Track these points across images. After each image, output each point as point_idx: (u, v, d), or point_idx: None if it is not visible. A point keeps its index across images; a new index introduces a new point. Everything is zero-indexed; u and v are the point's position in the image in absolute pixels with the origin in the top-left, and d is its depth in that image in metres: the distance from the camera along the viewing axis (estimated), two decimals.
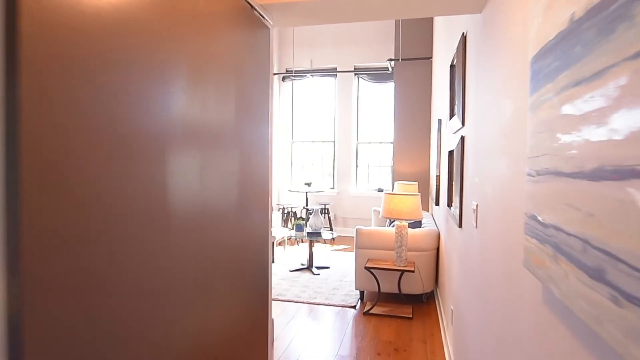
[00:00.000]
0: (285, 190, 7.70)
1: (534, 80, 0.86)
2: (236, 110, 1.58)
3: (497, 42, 1.38)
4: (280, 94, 7.72)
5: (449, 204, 2.76)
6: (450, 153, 2.75)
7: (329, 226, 7.17)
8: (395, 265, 3.58)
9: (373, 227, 3.96)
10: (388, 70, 6.84)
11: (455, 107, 2.36)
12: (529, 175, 0.87)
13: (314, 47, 7.46)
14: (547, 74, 0.77)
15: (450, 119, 2.74)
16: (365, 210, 7.33)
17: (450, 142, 2.90)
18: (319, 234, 4.96)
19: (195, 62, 1.28)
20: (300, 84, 7.79)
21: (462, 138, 2.23)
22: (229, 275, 1.57)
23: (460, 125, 2.26)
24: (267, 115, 1.96)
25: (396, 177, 6.17)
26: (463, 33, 2.25)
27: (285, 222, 6.92)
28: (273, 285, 4.45)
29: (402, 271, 3.52)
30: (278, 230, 5.68)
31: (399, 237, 3.55)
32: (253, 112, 1.75)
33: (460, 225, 2.26)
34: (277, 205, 7.37)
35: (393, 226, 4.29)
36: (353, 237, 7.22)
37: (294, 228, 5.13)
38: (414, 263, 3.67)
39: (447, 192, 2.78)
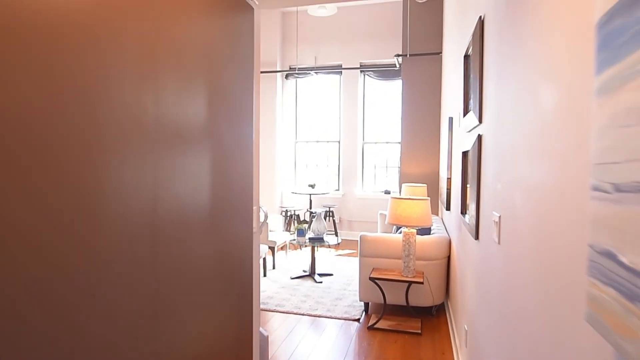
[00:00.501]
0: (289, 192, 7.43)
1: (606, 49, 0.57)
2: (208, 105, 1.32)
3: (533, 12, 1.09)
4: (284, 92, 7.46)
5: (463, 211, 2.47)
6: (465, 154, 2.46)
7: (333, 230, 6.89)
8: (402, 275, 3.30)
9: (378, 234, 3.68)
10: (395, 66, 6.54)
11: (471, 101, 2.07)
12: (599, 190, 0.59)
13: (318, 44, 7.19)
14: (636, 34, 0.49)
15: (465, 115, 2.45)
16: (371, 213, 7.04)
17: (464, 142, 2.61)
18: (321, 240, 4.68)
19: (145, 48, 1.02)
20: (304, 81, 7.52)
21: (479, 137, 1.94)
22: (197, 292, 1.31)
23: (477, 122, 1.98)
24: (250, 110, 1.69)
25: (404, 179, 5.88)
26: (480, 17, 1.97)
27: (288, 226, 6.66)
28: (272, 294, 4.19)
29: (410, 282, 3.23)
30: (279, 234, 5.42)
31: (407, 246, 3.26)
32: (232, 107, 1.49)
33: (476, 237, 1.97)
34: (280, 207, 7.11)
35: (400, 232, 4.00)
36: (358, 241, 6.94)
37: (295, 233, 4.86)
38: (422, 273, 3.38)
39: (461, 198, 2.49)
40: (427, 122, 5.77)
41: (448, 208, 3.76)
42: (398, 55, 5.89)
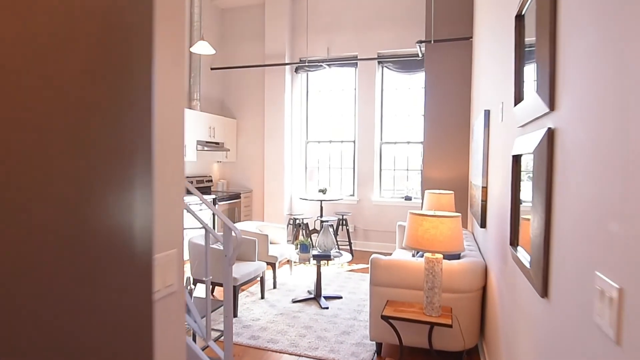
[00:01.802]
0: (299, 197, 6.73)
1: None
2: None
3: None
4: (293, 87, 6.77)
5: (513, 242, 1.71)
6: (516, 159, 1.70)
7: (346, 240, 6.16)
8: (424, 314, 2.55)
9: (394, 258, 2.93)
10: (418, 56, 5.76)
11: (538, 79, 1.31)
12: None
13: (331, 33, 6.47)
14: None
15: (517, 104, 1.69)
16: (389, 222, 6.27)
17: (512, 141, 1.84)
18: (327, 257, 3.96)
19: None
20: (316, 75, 6.82)
21: (550, 133, 1.19)
22: None
23: (545, 109, 1.23)
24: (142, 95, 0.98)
25: (426, 184, 5.09)
26: None
27: (295, 237, 5.97)
28: (266, 323, 3.50)
29: (434, 324, 2.48)
30: (283, 248, 4.73)
31: (430, 276, 2.51)
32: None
33: (544, 294, 1.22)
34: (288, 215, 6.43)
35: (421, 255, 3.24)
36: (376, 252, 6.19)
37: (298, 248, 4.16)
38: (450, 310, 2.62)
39: (510, 222, 1.73)
40: (454, 118, 4.97)
41: (483, 225, 2.98)
42: (421, 42, 5.11)
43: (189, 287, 2.56)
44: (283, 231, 4.96)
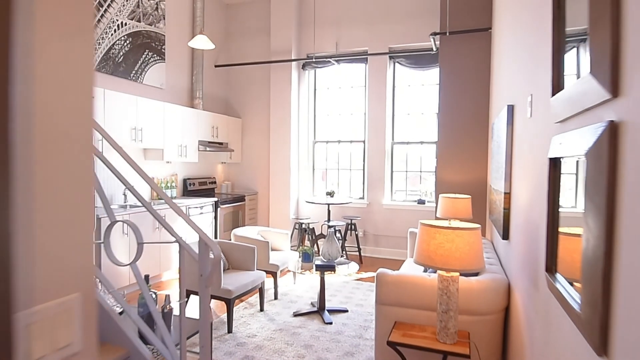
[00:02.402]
0: (306, 200, 6.42)
1: None
2: None
3: None
4: (300, 84, 6.46)
5: (550, 267, 1.36)
6: (555, 163, 1.34)
7: (355, 246, 5.82)
8: (437, 340, 2.20)
9: (403, 273, 2.60)
10: (432, 50, 5.39)
11: (593, 55, 0.97)
12: None
13: (339, 27, 6.15)
14: None
15: (555, 94, 1.34)
16: (401, 226, 5.90)
17: (552, 140, 1.49)
18: (331, 267, 3.63)
19: None
20: (324, 72, 6.50)
21: (612, 128, 0.85)
22: None
23: (605, 96, 0.89)
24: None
25: (441, 187, 4.72)
26: None
27: (301, 242, 5.65)
28: (262, 341, 3.19)
29: (449, 354, 2.13)
30: (286, 255, 4.42)
31: (445, 297, 2.16)
32: None
33: (602, 353, 0.88)
34: (293, 219, 6.12)
35: (434, 270, 2.88)
36: (387, 259, 5.84)
37: (301, 256, 3.85)
38: (468, 336, 2.27)
39: (547, 243, 1.38)
40: (471, 116, 4.59)
41: (506, 236, 2.62)
42: (435, 34, 4.74)
43: (168, 306, 2.27)
44: (286, 237, 4.65)
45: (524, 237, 2.03)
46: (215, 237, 5.64)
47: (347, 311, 3.85)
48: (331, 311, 3.81)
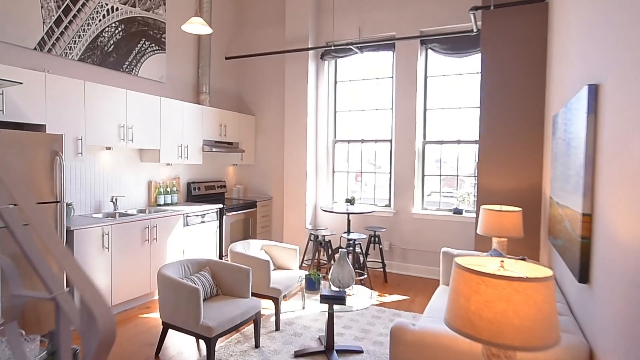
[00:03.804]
0: (325, 207, 5.70)
1: None
2: None
3: None
4: (318, 76, 5.74)
5: None
6: None
7: (379, 260, 5.02)
8: None
9: (430, 328, 1.81)
10: (472, 31, 4.52)
11: None
12: None
13: (362, 10, 5.37)
14: None
15: None
16: (434, 240, 5.06)
17: None
18: (340, 300, 2.87)
19: None
20: (345, 62, 5.74)
21: None
22: None
23: None
24: None
25: (482, 196, 3.86)
26: None
27: (316, 255, 4.92)
28: None
29: None
30: (294, 275, 3.71)
31: None
32: None
33: None
34: (308, 229, 5.40)
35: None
36: (416, 277, 5.03)
37: (305, 283, 3.12)
38: None
39: None
40: (522, 109, 3.70)
41: (584, 279, 1.78)
42: (476, 9, 3.89)
43: None
44: (294, 254, 3.94)
45: (630, 290, 1.21)
46: (220, 251, 5.01)
47: (361, 352, 3.08)
48: (342, 351, 3.06)
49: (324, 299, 2.87)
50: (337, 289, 3.03)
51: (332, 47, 5.37)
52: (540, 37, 3.63)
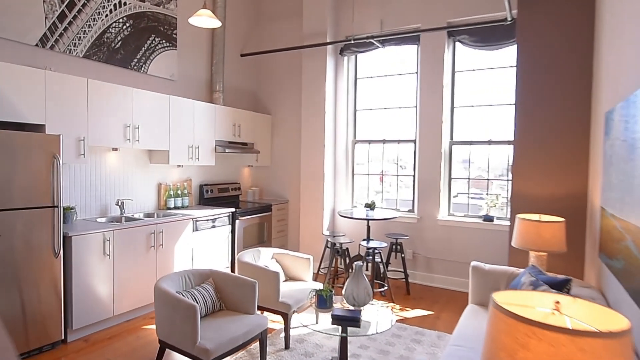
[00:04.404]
0: (344, 212, 5.38)
1: None
2: None
3: None
4: (337, 73, 5.42)
5: None
6: None
7: (402, 270, 4.66)
8: None
9: None
10: (505, 20, 4.10)
11: None
12: None
13: (385, 1, 5.01)
14: None
15: None
16: (461, 249, 4.65)
17: None
18: (354, 321, 2.55)
19: None
20: (366, 57, 5.39)
21: None
22: None
23: None
24: None
25: (518, 204, 3.45)
26: None
27: (333, 263, 4.60)
28: None
29: None
30: (307, 287, 3.41)
31: None
32: None
33: None
34: (324, 236, 5.08)
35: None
36: (442, 289, 4.65)
37: (315, 299, 2.81)
38: None
39: None
40: (563, 106, 3.28)
41: None
42: None
43: None
44: (307, 263, 3.63)
45: None
46: (232, 258, 4.77)
47: None
48: None
49: (336, 319, 2.55)
50: (352, 308, 2.71)
51: (352, 42, 5.04)
52: (586, 21, 3.19)
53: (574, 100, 3.24)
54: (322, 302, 2.72)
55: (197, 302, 2.69)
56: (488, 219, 4.53)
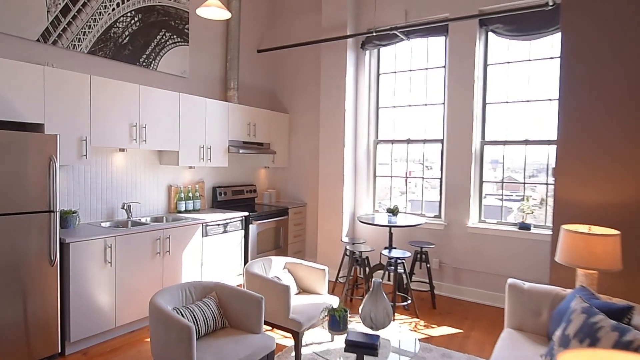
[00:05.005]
0: (364, 216, 5.04)
1: None
2: None
3: None
4: (358, 68, 5.08)
5: None
6: None
7: (427, 281, 4.28)
8: None
9: None
10: (546, 5, 3.67)
11: None
12: None
13: None
14: None
15: None
16: (494, 259, 4.23)
17: None
18: (371, 348, 2.21)
19: None
20: (389, 51, 5.03)
21: None
22: None
23: None
24: None
25: (562, 212, 3.02)
26: None
27: (351, 273, 4.27)
28: None
29: None
30: (322, 301, 3.10)
31: None
32: None
33: None
34: (343, 242, 4.75)
35: None
36: (471, 302, 4.25)
37: (328, 320, 2.49)
38: None
39: None
40: (621, 101, 2.83)
41: None
42: None
43: None
44: (322, 275, 3.32)
45: None
46: (245, 266, 4.52)
47: None
48: None
49: (351, 346, 2.23)
50: (369, 330, 2.38)
51: (374, 34, 4.69)
52: None
53: (632, 94, 2.79)
54: (335, 323, 2.41)
55: (196, 320, 2.42)
56: (524, 227, 4.09)
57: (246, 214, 4.50)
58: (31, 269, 2.73)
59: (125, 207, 3.78)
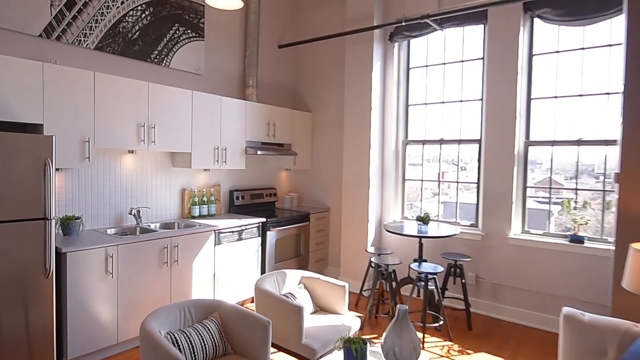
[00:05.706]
0: (391, 224, 4.63)
1: None
2: None
3: None
4: (386, 62, 4.67)
5: None
6: None
7: (462, 297, 3.82)
8: None
9: None
10: None
11: None
12: None
13: None
14: None
15: None
16: (540, 275, 3.72)
17: None
18: None
19: None
20: (420, 43, 4.59)
21: None
22: None
23: None
24: None
25: (627, 226, 2.52)
26: None
27: (377, 288, 3.86)
28: None
29: None
30: (341, 323, 2.75)
31: None
32: None
33: None
34: (368, 253, 4.35)
35: None
36: (513, 323, 3.77)
37: (343, 354, 2.12)
38: None
39: None
40: None
41: None
42: None
43: None
44: (342, 292, 2.96)
45: None
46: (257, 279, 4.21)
47: None
48: None
49: None
50: None
51: (404, 24, 4.27)
52: None
53: None
54: (350, 355, 2.03)
55: (192, 348, 2.12)
56: (576, 239, 3.56)
57: (263, 220, 4.19)
58: (25, 280, 2.52)
59: (133, 213, 3.56)
